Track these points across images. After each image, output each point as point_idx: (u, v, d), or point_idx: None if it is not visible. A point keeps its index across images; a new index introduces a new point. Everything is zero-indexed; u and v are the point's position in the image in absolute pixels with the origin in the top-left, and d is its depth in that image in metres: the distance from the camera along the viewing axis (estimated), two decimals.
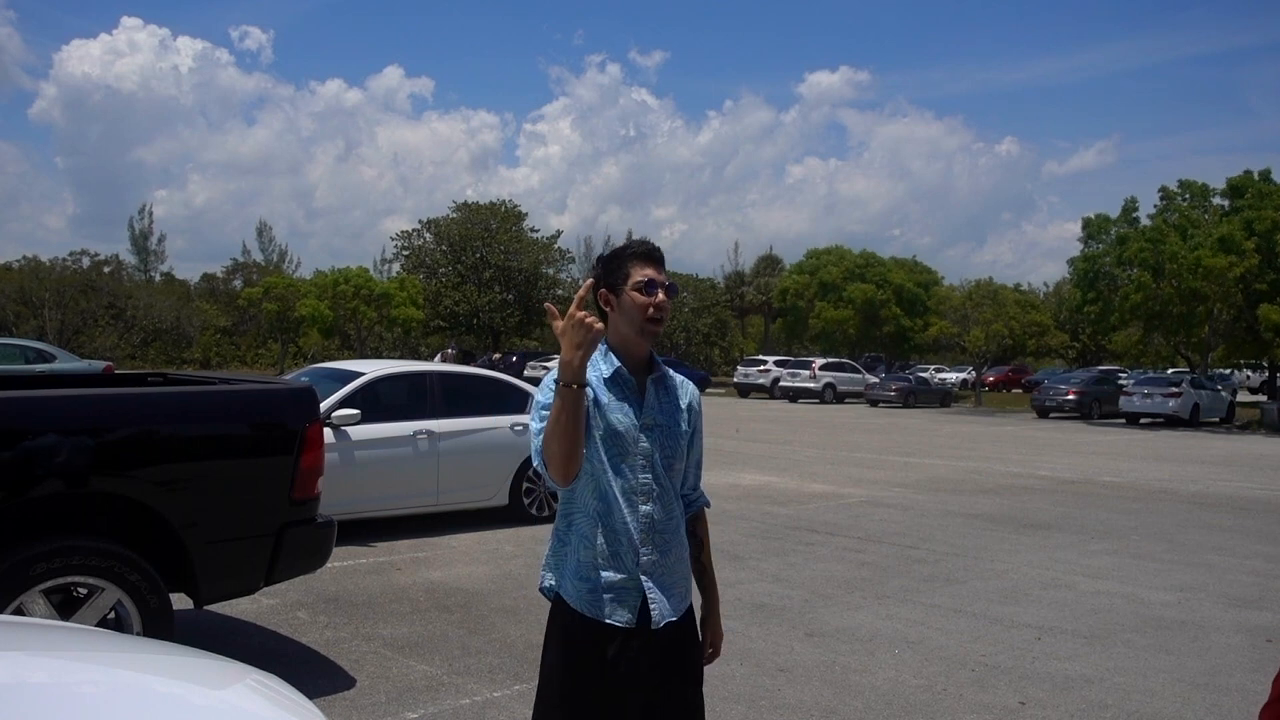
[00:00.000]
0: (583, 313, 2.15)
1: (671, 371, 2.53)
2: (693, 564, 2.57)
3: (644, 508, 2.37)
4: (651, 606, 2.36)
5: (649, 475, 2.38)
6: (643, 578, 2.36)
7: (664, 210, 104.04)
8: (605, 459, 2.35)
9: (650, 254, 2.42)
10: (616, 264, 2.42)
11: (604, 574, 2.35)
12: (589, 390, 2.29)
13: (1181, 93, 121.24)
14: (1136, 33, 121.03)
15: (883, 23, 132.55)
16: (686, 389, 2.54)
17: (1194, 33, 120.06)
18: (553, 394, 2.21)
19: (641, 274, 2.38)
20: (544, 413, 2.26)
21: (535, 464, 2.30)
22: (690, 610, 2.49)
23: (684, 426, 2.48)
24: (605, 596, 2.34)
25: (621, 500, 2.35)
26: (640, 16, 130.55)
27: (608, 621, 2.34)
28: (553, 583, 2.44)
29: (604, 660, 2.33)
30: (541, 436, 2.25)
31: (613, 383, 2.39)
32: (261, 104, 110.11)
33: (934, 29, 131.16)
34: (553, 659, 2.41)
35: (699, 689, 2.49)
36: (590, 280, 2.35)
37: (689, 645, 2.47)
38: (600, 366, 2.40)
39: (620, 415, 2.37)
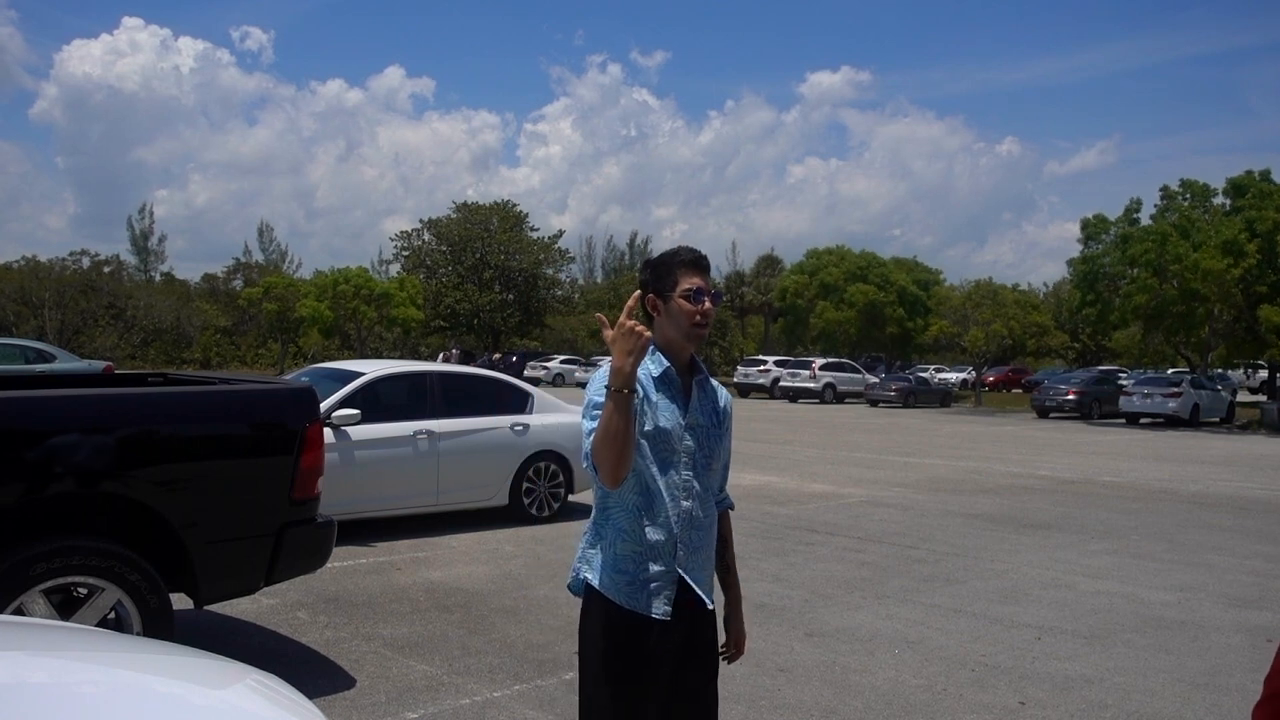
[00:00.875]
0: (633, 321, 2.24)
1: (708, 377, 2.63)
2: (716, 563, 2.68)
3: (685, 504, 2.47)
4: (689, 597, 2.47)
5: (690, 473, 2.48)
6: (679, 570, 2.46)
7: (665, 210, 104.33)
8: (651, 455, 2.43)
9: (697, 262, 2.52)
10: (665, 270, 2.51)
11: (643, 567, 2.44)
12: (639, 388, 2.39)
13: (1182, 93, 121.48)
14: (1136, 33, 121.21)
15: (884, 23, 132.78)
16: (721, 392, 2.64)
17: (1194, 33, 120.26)
18: (604, 397, 2.29)
19: (689, 282, 2.48)
20: (595, 412, 2.33)
21: (584, 466, 2.38)
22: (711, 604, 2.59)
23: (721, 428, 2.58)
24: (645, 589, 2.43)
25: (665, 495, 2.44)
26: (641, 17, 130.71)
27: (640, 611, 2.43)
28: (587, 575, 2.51)
29: (641, 650, 2.42)
30: (592, 439, 2.32)
31: (662, 382, 2.49)
32: (262, 104, 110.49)
33: (935, 29, 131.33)
34: (592, 650, 2.49)
35: (715, 681, 2.59)
36: (638, 293, 2.43)
37: (709, 638, 2.57)
38: (650, 366, 2.48)
39: (668, 414, 2.46)
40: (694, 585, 2.47)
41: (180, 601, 4.59)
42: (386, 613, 6.04)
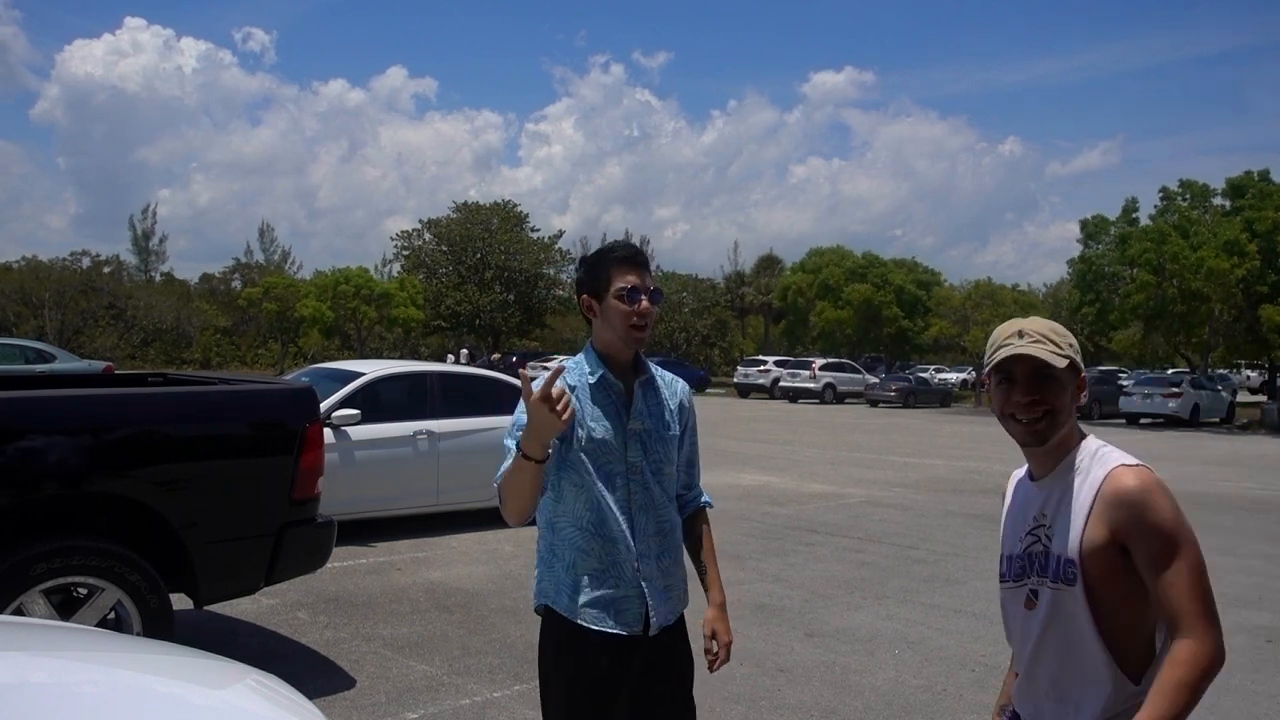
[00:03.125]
0: (550, 400, 2.02)
1: (660, 371, 2.47)
2: (694, 562, 2.55)
3: (638, 516, 2.33)
4: (652, 615, 2.33)
5: (640, 481, 2.33)
6: (643, 584, 2.32)
7: (667, 210, 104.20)
8: (592, 469, 2.28)
9: (632, 258, 2.34)
10: (599, 268, 2.34)
11: (602, 585, 2.30)
12: (574, 401, 2.17)
13: (1185, 93, 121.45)
14: (1139, 33, 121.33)
15: (887, 22, 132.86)
16: (676, 388, 2.48)
17: (1197, 33, 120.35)
18: (524, 423, 2.11)
19: (624, 280, 2.30)
20: (517, 433, 2.17)
21: (495, 484, 2.22)
22: (682, 615, 2.47)
23: (674, 429, 2.42)
24: (606, 608, 2.30)
25: (615, 509, 2.30)
26: (643, 17, 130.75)
27: (607, 631, 2.29)
28: (543, 600, 2.38)
29: (601, 669, 2.29)
30: (500, 474, 2.20)
31: (599, 389, 2.33)
32: (265, 105, 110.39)
33: (937, 28, 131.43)
34: (549, 673, 2.36)
35: (689, 694, 2.47)
36: (560, 367, 2.18)
37: (679, 649, 2.44)
38: (585, 371, 2.35)
39: (606, 424, 2.31)
40: (658, 599, 2.34)
41: (180, 601, 4.59)
42: (386, 613, 6.04)
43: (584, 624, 2.29)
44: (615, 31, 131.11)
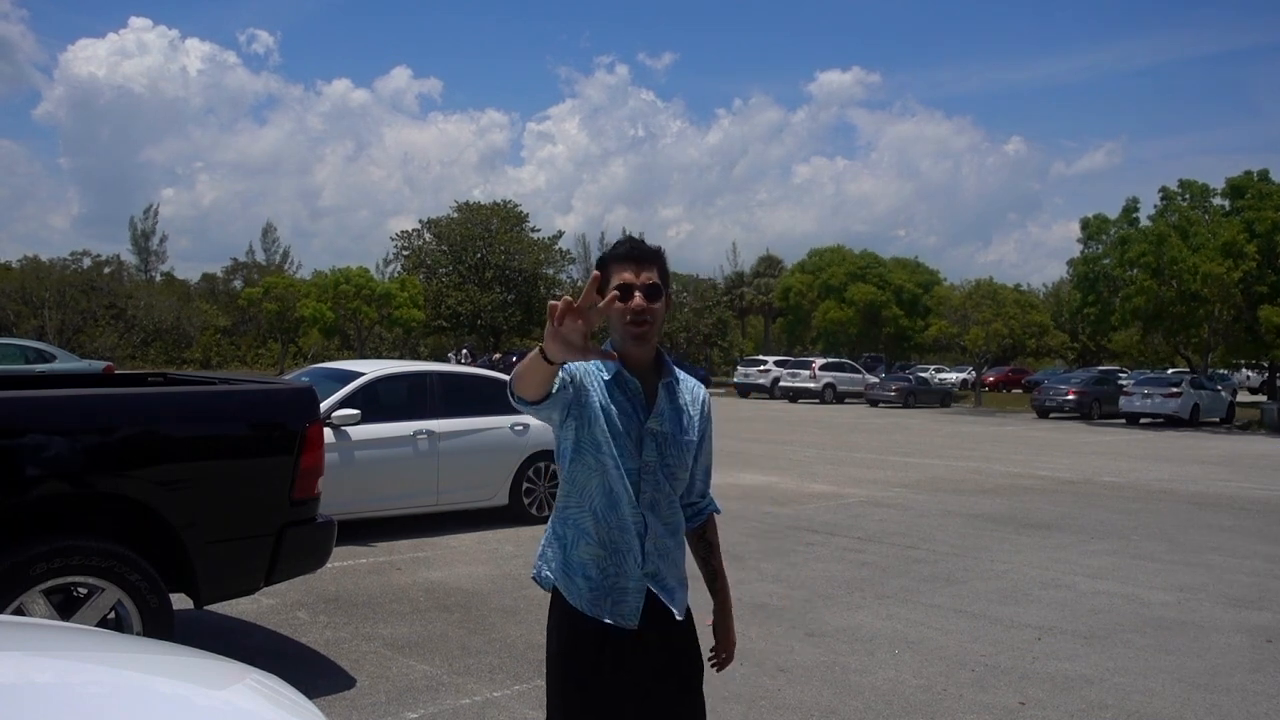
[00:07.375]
0: (565, 304, 1.91)
1: (683, 375, 2.46)
2: (703, 568, 2.57)
3: (647, 512, 2.34)
4: (657, 605, 2.35)
5: (652, 480, 2.33)
6: (646, 579, 2.34)
7: (671, 210, 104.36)
8: (610, 460, 2.28)
9: (629, 254, 2.29)
10: (603, 268, 2.27)
11: (606, 574, 2.32)
12: (593, 394, 2.27)
13: (1189, 93, 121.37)
14: (1144, 33, 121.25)
15: (893, 22, 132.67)
16: (698, 394, 2.46)
17: (1201, 32, 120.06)
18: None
19: (620, 278, 2.26)
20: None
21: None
22: (689, 613, 2.47)
23: (691, 435, 2.41)
24: (608, 597, 2.32)
25: (625, 503, 2.30)
26: (648, 18, 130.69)
27: (609, 621, 2.31)
28: (549, 574, 2.40)
29: (604, 659, 2.31)
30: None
31: (615, 385, 2.30)
32: (269, 105, 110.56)
33: (944, 29, 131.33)
34: (556, 656, 2.39)
35: (698, 691, 2.47)
36: (596, 275, 2.10)
37: (684, 647, 2.44)
38: (603, 369, 2.31)
39: (625, 420, 2.29)
40: (660, 593, 2.35)
41: (180, 601, 4.59)
42: (386, 613, 6.04)
43: (584, 611, 2.32)
44: (620, 32, 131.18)
